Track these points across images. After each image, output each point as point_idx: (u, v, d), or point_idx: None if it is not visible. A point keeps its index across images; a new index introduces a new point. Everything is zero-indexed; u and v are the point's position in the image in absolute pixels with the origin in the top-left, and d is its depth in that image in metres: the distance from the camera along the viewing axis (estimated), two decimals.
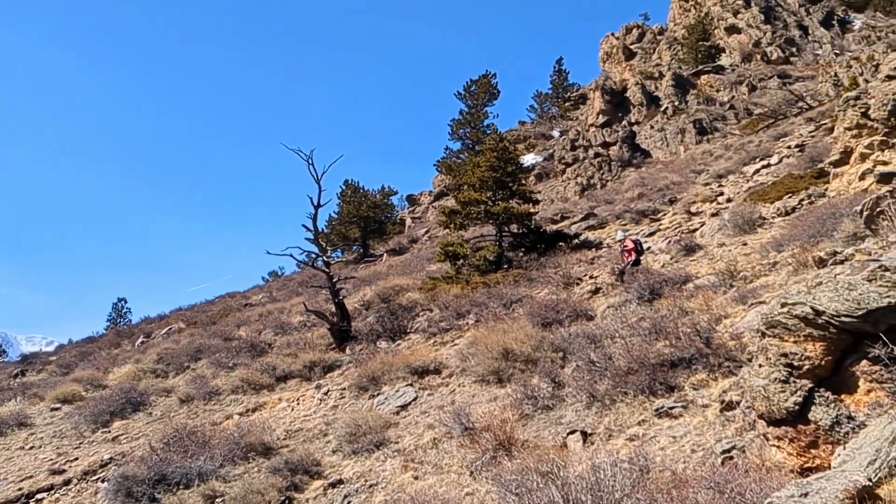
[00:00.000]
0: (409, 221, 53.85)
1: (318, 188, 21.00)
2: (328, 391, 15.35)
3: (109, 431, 15.51)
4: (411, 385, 13.69)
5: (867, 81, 23.19)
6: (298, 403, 15.23)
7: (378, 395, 13.82)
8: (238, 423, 14.13)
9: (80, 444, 14.96)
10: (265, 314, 29.09)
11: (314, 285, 25.55)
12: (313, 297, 27.68)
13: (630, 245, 17.91)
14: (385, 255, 42.38)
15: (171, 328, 33.41)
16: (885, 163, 17.63)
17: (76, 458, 13.93)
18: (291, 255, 21.34)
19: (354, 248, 48.17)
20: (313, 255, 22.32)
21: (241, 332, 25.47)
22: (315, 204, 21.09)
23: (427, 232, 44.64)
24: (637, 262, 17.58)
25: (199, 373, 19.65)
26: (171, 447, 12.45)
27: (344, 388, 15.13)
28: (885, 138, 17.83)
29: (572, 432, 8.69)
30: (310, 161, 21.10)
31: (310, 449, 11.62)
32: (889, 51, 32.24)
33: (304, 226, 21.15)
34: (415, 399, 13.08)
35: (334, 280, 20.86)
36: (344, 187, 47.70)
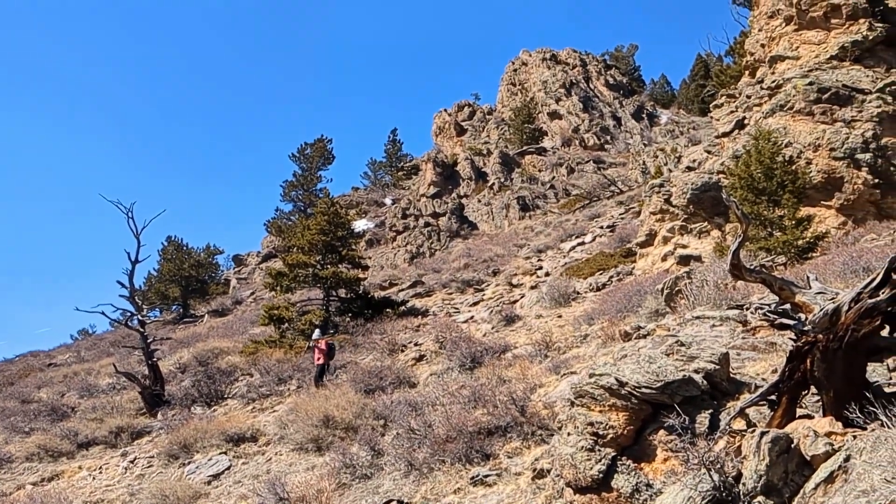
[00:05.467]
0: (234, 282, 52.10)
1: (136, 243, 20.06)
2: (135, 459, 14.31)
3: None
4: (225, 453, 13.04)
5: (670, 171, 25.51)
6: (101, 472, 14.07)
7: (189, 463, 13.05)
8: (31, 493, 12.82)
9: None
10: (71, 375, 26.87)
11: (127, 345, 23.98)
12: (125, 357, 25.96)
13: (323, 347, 17.14)
14: (206, 316, 40.66)
15: None
16: (684, 246, 19.32)
17: None
18: (103, 313, 20.15)
19: (174, 307, 45.90)
20: (128, 314, 21.05)
21: (42, 394, 23.34)
22: (133, 259, 20.09)
23: (253, 294, 43.37)
24: (326, 367, 16.86)
25: None
26: None
27: (153, 456, 14.16)
28: (684, 223, 19.58)
29: (388, 502, 8.61)
30: (129, 214, 20.17)
31: None
32: (690, 145, 35.67)
33: (119, 282, 19.93)
34: (228, 468, 12.46)
35: (149, 340, 19.75)
36: (166, 244, 45.65)
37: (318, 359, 16.91)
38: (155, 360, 19.68)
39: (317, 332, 18.53)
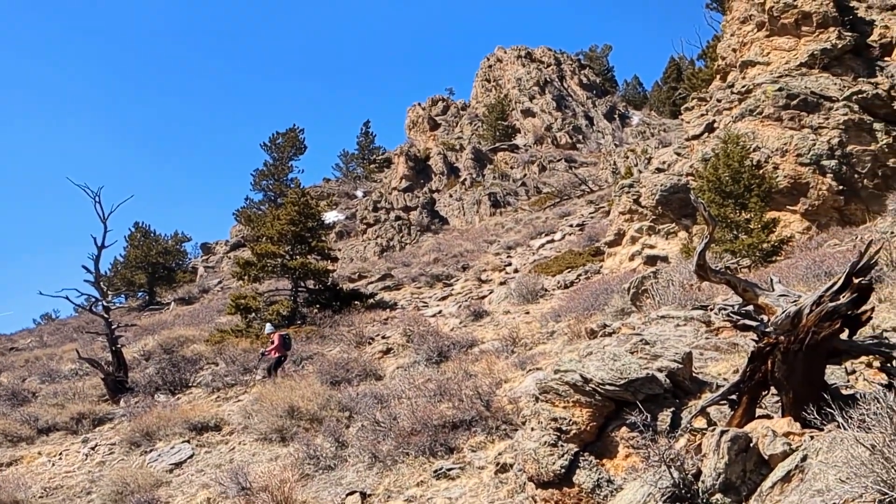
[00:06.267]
0: (201, 270, 51.54)
1: (103, 227, 19.80)
2: (96, 446, 14.13)
3: None
4: (188, 442, 12.94)
5: (640, 172, 25.70)
6: (61, 458, 13.87)
7: (151, 451, 12.93)
8: None
9: None
10: (32, 360, 26.44)
11: (91, 331, 23.63)
12: (89, 343, 25.59)
13: (276, 341, 16.58)
14: (173, 303, 40.21)
15: None
16: (651, 246, 19.51)
17: None
18: (67, 298, 19.81)
19: (140, 294, 45.37)
20: (93, 299, 20.76)
21: (3, 379, 22.93)
22: (99, 244, 19.81)
23: (220, 282, 42.97)
24: (282, 360, 16.51)
25: None
26: None
27: (114, 443, 14.00)
28: (652, 224, 19.77)
29: (351, 493, 8.61)
30: (97, 199, 19.89)
31: None
32: (660, 146, 35.97)
33: (84, 267, 19.65)
34: (191, 456, 12.37)
35: (113, 327, 19.51)
36: (133, 230, 45.09)
37: (272, 353, 16.57)
38: (119, 346, 19.45)
39: (268, 327, 18.32)
